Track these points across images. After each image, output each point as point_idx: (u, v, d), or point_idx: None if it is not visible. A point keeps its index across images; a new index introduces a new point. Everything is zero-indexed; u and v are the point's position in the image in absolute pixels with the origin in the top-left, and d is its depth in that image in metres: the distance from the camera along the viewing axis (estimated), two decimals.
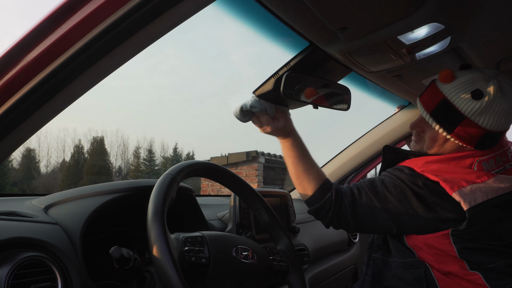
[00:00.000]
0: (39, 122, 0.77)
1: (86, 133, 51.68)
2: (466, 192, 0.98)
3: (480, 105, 1.02)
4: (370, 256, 1.20)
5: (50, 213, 0.95)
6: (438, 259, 1.04)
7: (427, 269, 1.05)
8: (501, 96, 1.02)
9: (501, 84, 1.04)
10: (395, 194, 1.05)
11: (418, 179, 1.04)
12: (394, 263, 1.13)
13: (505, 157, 1.09)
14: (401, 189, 1.05)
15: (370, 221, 1.07)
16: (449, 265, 1.03)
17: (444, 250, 1.02)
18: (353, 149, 1.98)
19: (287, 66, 1.25)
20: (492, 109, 1.02)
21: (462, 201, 0.98)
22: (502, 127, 1.05)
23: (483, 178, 1.02)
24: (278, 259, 0.96)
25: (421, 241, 1.06)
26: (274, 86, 1.25)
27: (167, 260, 0.67)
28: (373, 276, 1.16)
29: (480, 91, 1.02)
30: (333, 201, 1.09)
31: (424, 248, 1.06)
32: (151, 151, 30.77)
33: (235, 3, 1.02)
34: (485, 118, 1.03)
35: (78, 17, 0.66)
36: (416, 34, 1.04)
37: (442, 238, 1.02)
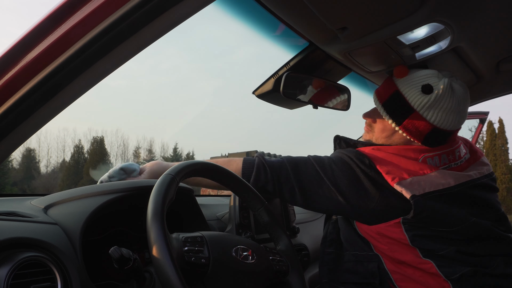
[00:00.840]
0: (39, 122, 0.76)
1: (86, 133, 51.72)
2: (406, 184, 1.01)
3: (428, 99, 1.06)
4: (324, 251, 1.19)
5: (50, 213, 0.95)
6: (391, 248, 1.05)
7: (381, 262, 1.06)
8: (451, 94, 1.06)
9: (453, 84, 1.08)
10: (342, 169, 1.06)
11: (365, 159, 1.06)
12: (346, 256, 1.13)
13: (451, 155, 1.11)
14: (348, 165, 1.06)
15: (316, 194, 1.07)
16: (402, 254, 1.04)
17: (397, 239, 1.04)
18: None
19: (287, 66, 1.25)
20: (440, 105, 1.06)
21: (404, 191, 1.00)
22: (450, 126, 1.08)
23: (425, 171, 1.04)
24: (278, 259, 0.95)
25: (373, 231, 1.07)
26: (274, 86, 1.25)
27: (167, 260, 0.67)
28: (328, 276, 1.15)
29: (430, 86, 1.06)
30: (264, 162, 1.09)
31: (377, 237, 1.07)
32: (151, 151, 30.81)
33: (235, 3, 1.02)
34: (433, 113, 1.06)
35: (78, 17, 0.66)
36: (416, 34, 1.04)
37: (393, 226, 1.03)
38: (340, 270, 1.13)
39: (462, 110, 1.10)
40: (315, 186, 1.07)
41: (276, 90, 1.23)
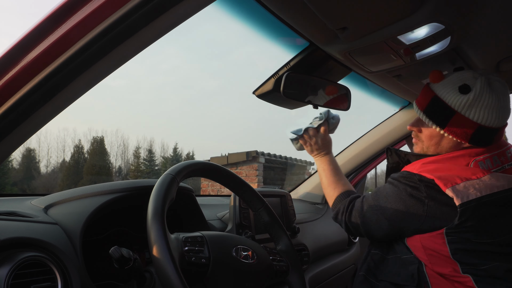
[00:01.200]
0: (39, 122, 0.77)
1: (86, 133, 51.68)
2: (459, 189, 1.00)
3: (467, 99, 1.05)
4: (369, 252, 1.22)
5: (50, 213, 0.95)
6: (431, 260, 1.05)
7: (421, 265, 1.07)
8: (489, 91, 1.05)
9: (490, 81, 1.07)
10: (392, 197, 1.10)
11: (414, 177, 1.07)
12: (392, 260, 1.15)
13: (503, 157, 1.10)
14: (398, 190, 1.09)
15: (373, 225, 1.13)
16: (442, 267, 1.04)
17: (438, 251, 1.04)
18: (353, 149, 1.98)
19: (287, 66, 1.25)
20: (481, 103, 1.05)
21: (455, 197, 1.00)
22: (495, 123, 1.07)
23: (478, 175, 1.03)
24: (278, 259, 0.96)
25: (418, 241, 1.08)
26: (274, 86, 1.25)
27: (167, 260, 0.67)
28: (367, 271, 1.18)
29: (467, 86, 1.06)
30: (346, 207, 1.21)
31: (419, 248, 1.07)
32: (151, 151, 30.79)
33: (235, 3, 1.02)
34: (475, 112, 1.05)
35: (78, 17, 0.66)
36: (416, 34, 1.04)
37: (436, 237, 1.03)
38: (383, 271, 1.16)
39: (504, 105, 1.08)
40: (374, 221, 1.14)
41: (276, 90, 1.23)
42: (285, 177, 8.72)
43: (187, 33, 60.85)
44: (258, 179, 7.41)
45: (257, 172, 7.42)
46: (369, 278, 1.17)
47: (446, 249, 1.03)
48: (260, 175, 7.51)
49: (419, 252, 1.08)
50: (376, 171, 3.33)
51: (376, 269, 1.17)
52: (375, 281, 1.16)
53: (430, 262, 1.06)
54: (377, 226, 1.13)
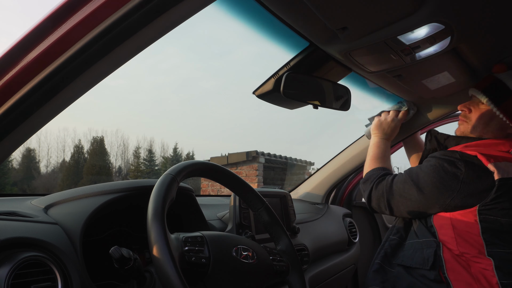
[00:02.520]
0: (39, 122, 0.77)
1: (86, 133, 51.69)
2: (501, 166, 1.05)
3: None
4: (388, 237, 1.26)
5: (50, 213, 0.95)
6: (458, 239, 1.08)
7: (439, 249, 1.10)
8: None
9: None
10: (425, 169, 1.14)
11: (455, 154, 1.11)
12: (408, 245, 1.18)
13: None
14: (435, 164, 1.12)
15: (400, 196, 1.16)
16: (466, 246, 1.06)
17: (469, 230, 1.06)
18: (353, 150, 1.97)
19: (287, 66, 1.25)
20: None
21: (496, 171, 1.04)
22: None
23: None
24: (278, 259, 0.96)
25: (448, 219, 1.10)
26: (274, 86, 1.25)
27: (167, 260, 0.67)
28: (383, 258, 1.22)
29: None
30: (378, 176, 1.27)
31: (448, 225, 1.10)
32: (151, 151, 30.78)
33: (235, 3, 1.02)
34: None
35: (78, 17, 0.66)
36: (416, 34, 1.04)
37: (468, 216, 1.06)
38: (396, 255, 1.19)
39: None
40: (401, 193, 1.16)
41: (276, 90, 1.23)
42: (285, 177, 8.72)
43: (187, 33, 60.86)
44: (258, 179, 7.42)
45: (257, 172, 7.42)
46: (384, 265, 1.20)
47: (477, 227, 1.05)
48: (260, 175, 7.52)
49: (447, 231, 1.10)
50: None
51: (392, 256, 1.20)
52: (390, 268, 1.18)
53: (456, 241, 1.07)
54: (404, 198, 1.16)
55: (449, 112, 1.66)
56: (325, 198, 2.03)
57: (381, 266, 1.20)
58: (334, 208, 2.00)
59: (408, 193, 1.15)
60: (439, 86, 1.47)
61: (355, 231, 1.96)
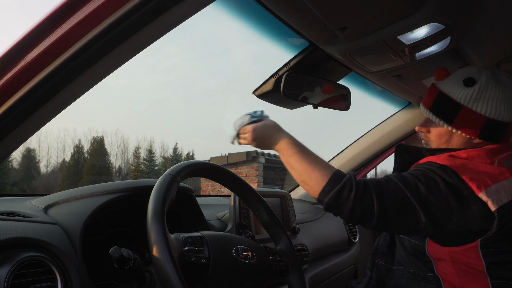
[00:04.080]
0: (39, 122, 0.77)
1: (86, 133, 51.64)
2: (492, 192, 0.92)
3: (473, 91, 1.00)
4: (374, 262, 1.17)
5: (50, 213, 0.95)
6: (460, 274, 0.98)
7: (440, 285, 1.01)
8: (495, 83, 1.00)
9: (496, 74, 1.02)
10: (425, 184, 0.95)
11: (448, 169, 0.96)
12: (399, 272, 1.09)
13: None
14: (433, 179, 0.95)
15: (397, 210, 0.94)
16: (469, 282, 0.97)
17: (471, 265, 0.96)
18: (353, 149, 1.98)
19: (287, 66, 1.25)
20: (487, 95, 1.00)
21: (490, 201, 0.91)
22: (505, 116, 1.00)
23: (505, 175, 0.97)
24: (278, 259, 0.95)
25: (446, 254, 0.99)
26: (274, 86, 1.25)
27: (167, 260, 0.67)
28: (377, 281, 1.14)
29: (472, 78, 1.02)
30: (354, 182, 0.94)
31: (448, 260, 0.99)
32: (151, 151, 30.78)
33: (235, 3, 1.02)
34: (482, 104, 1.00)
35: (78, 17, 0.66)
36: (416, 34, 1.04)
37: (470, 251, 0.96)
38: (389, 284, 1.11)
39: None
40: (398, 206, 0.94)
41: (276, 90, 1.23)
42: (285, 177, 8.71)
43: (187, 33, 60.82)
44: (258, 179, 7.41)
45: (257, 172, 7.41)
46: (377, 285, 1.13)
47: (481, 263, 0.95)
48: (260, 175, 7.51)
49: (446, 264, 1.00)
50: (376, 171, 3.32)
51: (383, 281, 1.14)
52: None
53: (457, 276, 0.98)
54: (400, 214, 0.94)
55: None
56: None
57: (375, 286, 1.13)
58: None
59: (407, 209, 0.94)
60: None
61: (355, 231, 1.96)
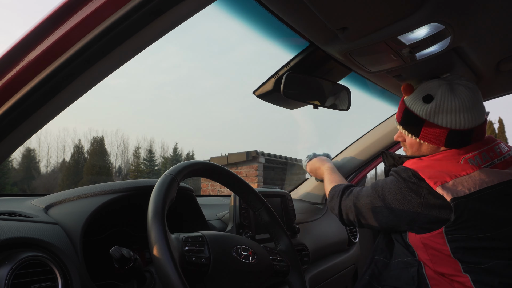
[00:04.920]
0: (39, 122, 0.77)
1: (86, 133, 51.69)
2: (449, 187, 1.04)
3: (431, 107, 1.15)
4: (373, 258, 1.25)
5: (50, 213, 0.95)
6: (433, 259, 1.08)
7: (421, 267, 1.11)
8: (451, 96, 1.13)
9: (453, 86, 1.14)
10: (389, 185, 1.15)
11: (409, 171, 1.12)
12: (395, 265, 1.18)
13: (492, 152, 1.13)
14: (395, 181, 1.14)
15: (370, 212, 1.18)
16: (443, 266, 1.06)
17: (439, 250, 1.06)
18: (353, 149, 1.98)
19: (287, 66, 1.25)
20: (444, 108, 1.13)
21: (445, 194, 1.03)
22: (465, 124, 1.13)
23: (468, 171, 1.07)
24: (278, 259, 0.96)
25: (419, 240, 1.10)
26: (274, 86, 1.25)
27: (167, 260, 0.67)
28: (371, 276, 1.21)
29: (430, 95, 1.17)
30: (341, 191, 1.29)
31: (421, 247, 1.10)
32: (151, 151, 30.79)
33: (235, 3, 1.02)
34: (442, 117, 1.14)
35: (78, 17, 0.66)
36: (416, 34, 1.04)
37: (436, 237, 1.06)
38: (386, 276, 1.19)
39: (471, 107, 1.13)
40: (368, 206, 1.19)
41: (276, 90, 1.23)
42: (285, 177, 8.72)
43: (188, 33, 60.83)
44: (258, 179, 7.42)
45: (257, 172, 7.42)
46: (372, 282, 1.20)
47: (447, 248, 1.04)
48: (260, 175, 7.52)
49: (421, 251, 1.10)
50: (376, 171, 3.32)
51: (379, 275, 1.20)
52: (378, 286, 1.18)
53: (432, 262, 1.08)
54: (372, 213, 1.17)
55: None
56: (325, 198, 2.03)
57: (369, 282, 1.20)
58: None
59: (376, 208, 1.16)
60: None
61: (355, 231, 1.96)
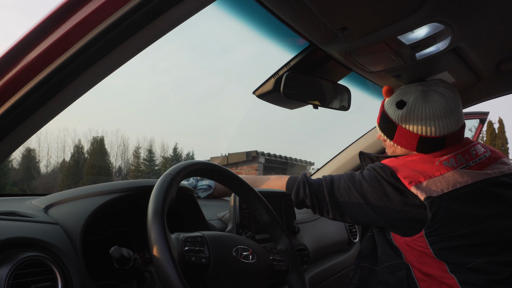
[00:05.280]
0: (39, 122, 0.77)
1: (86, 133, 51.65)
2: (423, 187, 1.05)
3: (402, 113, 1.16)
4: (358, 265, 1.25)
5: (50, 213, 0.95)
6: (420, 260, 1.08)
7: (409, 270, 1.11)
8: (423, 104, 1.13)
9: (428, 93, 1.15)
10: (369, 182, 1.13)
11: (387, 169, 1.13)
12: (380, 271, 1.18)
13: (467, 155, 1.14)
14: (375, 178, 1.13)
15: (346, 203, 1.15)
16: (430, 267, 1.07)
17: (424, 252, 1.06)
18: (352, 150, 1.98)
19: (287, 66, 1.25)
20: (414, 115, 1.14)
21: (419, 193, 1.05)
22: (436, 132, 1.13)
23: (442, 171, 1.08)
24: (278, 259, 0.95)
25: (403, 242, 1.11)
26: (274, 86, 1.25)
27: (167, 260, 0.67)
28: (359, 281, 1.20)
29: (403, 101, 1.17)
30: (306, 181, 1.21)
31: (407, 249, 1.10)
32: (151, 151, 30.76)
33: (235, 3, 1.02)
34: (412, 124, 1.15)
35: (78, 17, 0.66)
36: (416, 34, 1.04)
37: (418, 240, 1.07)
38: (372, 283, 1.18)
39: (443, 115, 1.13)
40: (346, 199, 1.16)
41: (276, 90, 1.23)
42: None
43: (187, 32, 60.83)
44: None
45: (257, 172, 7.42)
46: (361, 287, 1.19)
47: (430, 251, 1.05)
48: (260, 175, 7.51)
49: (407, 252, 1.11)
50: None
51: (366, 282, 1.19)
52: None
53: (419, 263, 1.08)
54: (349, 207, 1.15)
55: None
56: None
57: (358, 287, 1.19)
58: None
59: (354, 203, 1.14)
60: None
61: (355, 231, 1.96)
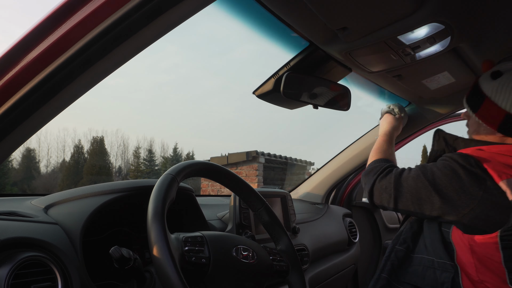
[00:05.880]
0: (39, 122, 0.77)
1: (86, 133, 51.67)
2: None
3: (495, 83, 1.05)
4: (393, 247, 1.16)
5: (50, 213, 0.95)
6: (478, 265, 0.98)
7: (457, 275, 1.01)
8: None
9: None
10: (443, 170, 1.02)
11: (470, 158, 1.01)
12: (417, 259, 1.09)
13: None
14: (451, 168, 1.01)
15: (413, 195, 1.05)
16: (486, 274, 0.97)
17: (489, 256, 0.96)
18: (352, 150, 1.98)
19: (287, 66, 1.25)
20: (508, 88, 1.02)
21: (509, 191, 0.93)
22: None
23: None
24: (278, 259, 0.96)
25: (465, 241, 1.00)
26: (274, 86, 1.25)
27: (167, 260, 0.67)
28: (389, 273, 1.11)
29: (499, 71, 1.06)
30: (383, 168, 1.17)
31: (465, 249, 1.00)
32: (151, 151, 30.77)
33: (235, 3, 1.02)
34: (503, 97, 1.03)
35: (78, 17, 0.66)
36: (416, 34, 1.04)
37: (489, 241, 0.96)
38: (404, 270, 1.10)
39: None
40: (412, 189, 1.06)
41: (276, 90, 1.23)
42: (285, 177, 8.72)
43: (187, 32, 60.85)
44: (258, 179, 7.42)
45: (257, 172, 7.42)
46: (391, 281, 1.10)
47: (499, 255, 0.95)
48: (260, 175, 7.52)
49: (464, 253, 1.00)
50: None
51: (399, 269, 1.11)
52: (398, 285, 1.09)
53: (475, 267, 0.98)
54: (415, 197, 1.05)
55: (449, 112, 1.66)
56: (325, 198, 2.03)
57: (388, 282, 1.09)
58: (334, 208, 2.00)
59: (421, 192, 1.03)
60: (439, 86, 1.48)
61: (355, 231, 1.96)
